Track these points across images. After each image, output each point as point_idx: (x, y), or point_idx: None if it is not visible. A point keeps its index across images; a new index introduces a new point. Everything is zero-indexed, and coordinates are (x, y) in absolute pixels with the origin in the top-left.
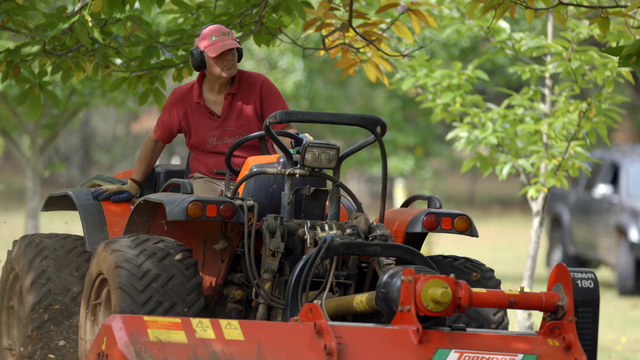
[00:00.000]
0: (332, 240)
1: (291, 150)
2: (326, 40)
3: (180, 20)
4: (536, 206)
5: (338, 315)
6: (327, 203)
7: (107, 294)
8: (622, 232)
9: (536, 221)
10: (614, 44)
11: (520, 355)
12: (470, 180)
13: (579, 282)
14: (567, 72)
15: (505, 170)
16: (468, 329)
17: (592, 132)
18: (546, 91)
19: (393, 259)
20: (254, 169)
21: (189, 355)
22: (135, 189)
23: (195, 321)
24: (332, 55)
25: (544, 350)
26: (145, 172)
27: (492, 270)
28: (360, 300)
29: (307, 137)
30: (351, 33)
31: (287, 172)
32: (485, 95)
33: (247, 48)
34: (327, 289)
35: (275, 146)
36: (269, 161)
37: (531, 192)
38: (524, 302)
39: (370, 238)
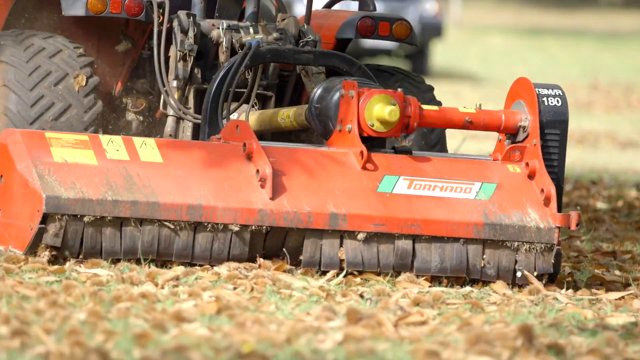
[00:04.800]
0: (258, 45)
1: None
2: None
3: None
4: None
5: (259, 131)
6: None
7: None
8: None
9: None
10: None
11: (478, 184)
12: None
13: (545, 99)
14: None
15: None
16: (415, 152)
17: None
18: None
19: (323, 68)
20: None
21: (100, 179)
22: None
23: (105, 139)
24: None
25: (504, 178)
26: None
27: (432, 89)
28: (287, 114)
29: None
30: None
31: None
32: None
33: None
34: (250, 103)
35: None
36: None
37: None
38: (481, 121)
39: (301, 44)
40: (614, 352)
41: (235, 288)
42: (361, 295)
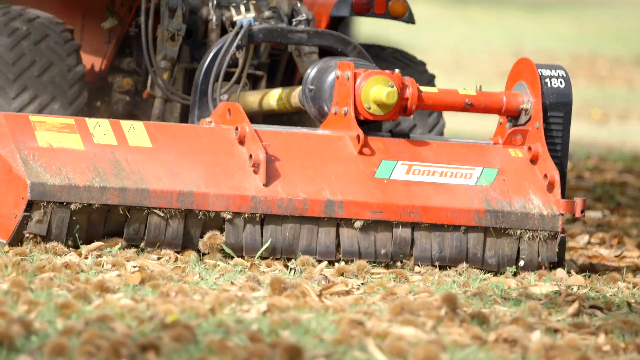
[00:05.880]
0: (250, 25)
1: None
2: None
3: None
4: None
5: (250, 113)
6: None
7: None
8: None
9: None
10: None
11: (479, 169)
12: None
13: (548, 80)
14: None
15: None
16: (412, 136)
17: None
18: None
19: (316, 47)
20: None
21: (87, 165)
22: None
23: (92, 122)
24: None
25: (506, 162)
26: None
27: (424, 64)
28: (280, 96)
29: None
30: None
31: None
32: None
33: None
34: (241, 84)
35: None
36: None
37: None
38: (481, 104)
39: (294, 23)
40: (538, 321)
41: (159, 258)
42: (285, 265)
